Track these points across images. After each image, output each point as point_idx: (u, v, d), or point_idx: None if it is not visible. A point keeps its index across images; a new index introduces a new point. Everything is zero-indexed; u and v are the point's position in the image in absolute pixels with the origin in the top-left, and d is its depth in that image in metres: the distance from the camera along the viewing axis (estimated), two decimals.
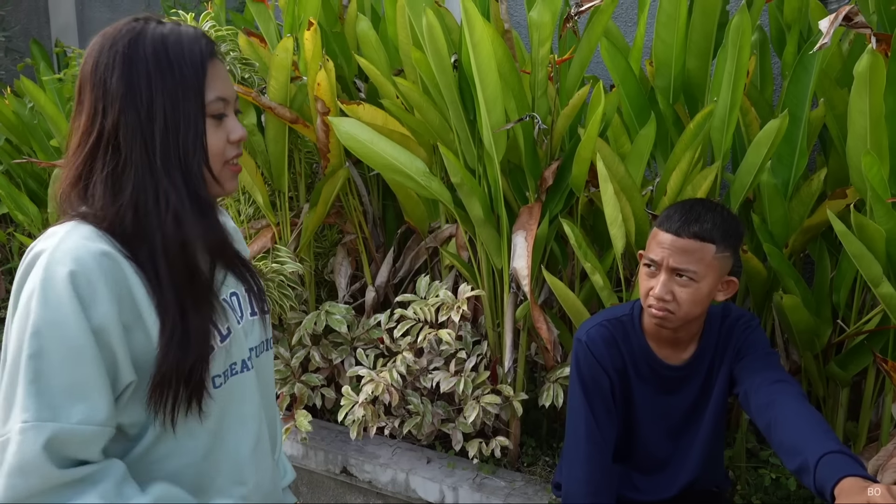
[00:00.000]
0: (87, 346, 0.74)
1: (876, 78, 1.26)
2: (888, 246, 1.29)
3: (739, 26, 1.49)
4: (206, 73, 0.82)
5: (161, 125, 0.79)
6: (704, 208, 1.25)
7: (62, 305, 0.73)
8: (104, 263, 0.76)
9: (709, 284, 1.22)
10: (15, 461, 0.71)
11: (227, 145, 0.85)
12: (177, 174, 0.80)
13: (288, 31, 2.02)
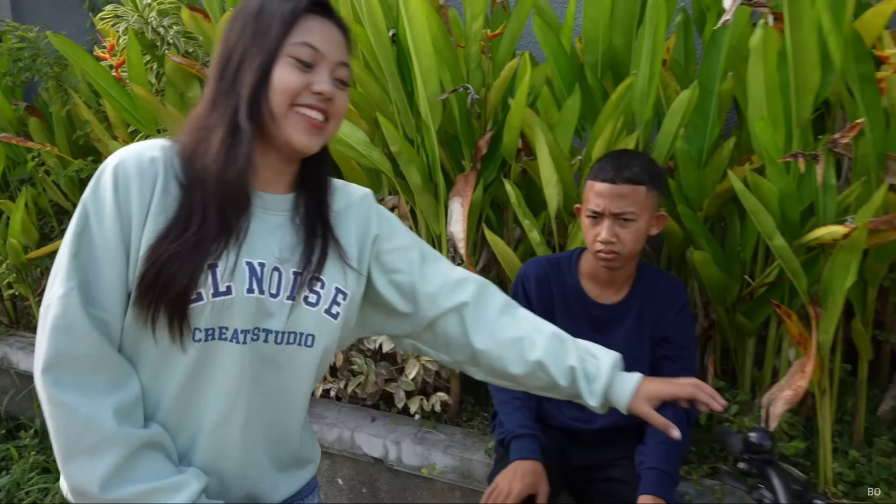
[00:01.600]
0: (114, 241, 0.81)
1: (769, 51, 1.39)
2: (781, 203, 1.43)
3: (656, 4, 1.61)
4: (294, 22, 0.84)
5: (235, 60, 0.84)
6: (629, 156, 1.38)
7: (102, 193, 0.82)
8: (144, 165, 0.83)
9: (645, 221, 1.36)
10: (58, 321, 0.78)
11: (302, 90, 0.84)
12: (230, 105, 0.84)
13: (231, 5, 2.06)
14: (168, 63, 1.94)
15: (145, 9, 1.96)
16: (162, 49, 1.99)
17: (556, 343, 1.01)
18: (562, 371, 1.00)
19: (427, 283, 0.99)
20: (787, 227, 1.46)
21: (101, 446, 0.77)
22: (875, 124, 1.44)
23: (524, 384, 1.03)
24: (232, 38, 0.86)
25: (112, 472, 0.77)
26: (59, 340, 0.78)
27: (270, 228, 0.88)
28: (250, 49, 0.83)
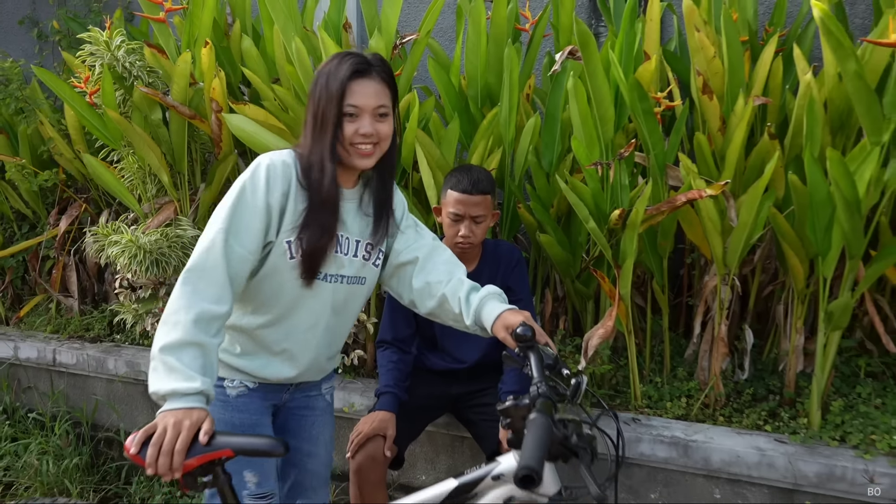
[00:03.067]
0: (262, 209, 1.30)
1: (580, 93, 2.00)
2: (593, 198, 2.04)
3: (510, 56, 2.21)
4: (346, 88, 1.31)
5: (320, 117, 1.34)
6: (478, 171, 1.94)
7: (259, 179, 1.31)
8: (285, 167, 1.33)
9: (489, 219, 1.93)
10: (209, 244, 1.25)
11: (353, 134, 1.32)
12: (320, 142, 1.34)
13: (185, 45, 2.54)
14: (136, 92, 2.41)
15: (116, 48, 2.42)
16: (130, 80, 2.46)
17: (458, 282, 1.46)
18: (455, 301, 1.43)
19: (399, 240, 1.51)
20: (599, 215, 2.07)
21: (176, 326, 1.20)
22: (656, 144, 2.07)
23: (440, 316, 1.49)
24: (315, 99, 1.35)
25: (169, 344, 1.19)
26: (202, 254, 1.25)
27: (349, 211, 1.41)
28: (326, 109, 1.32)
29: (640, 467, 2.06)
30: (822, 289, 1.94)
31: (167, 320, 1.21)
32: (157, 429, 1.13)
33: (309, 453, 1.58)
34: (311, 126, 1.37)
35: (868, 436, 1.93)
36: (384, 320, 2.05)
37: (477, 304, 1.40)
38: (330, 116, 1.33)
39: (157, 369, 1.19)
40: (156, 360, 1.20)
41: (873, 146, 1.74)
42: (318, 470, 1.60)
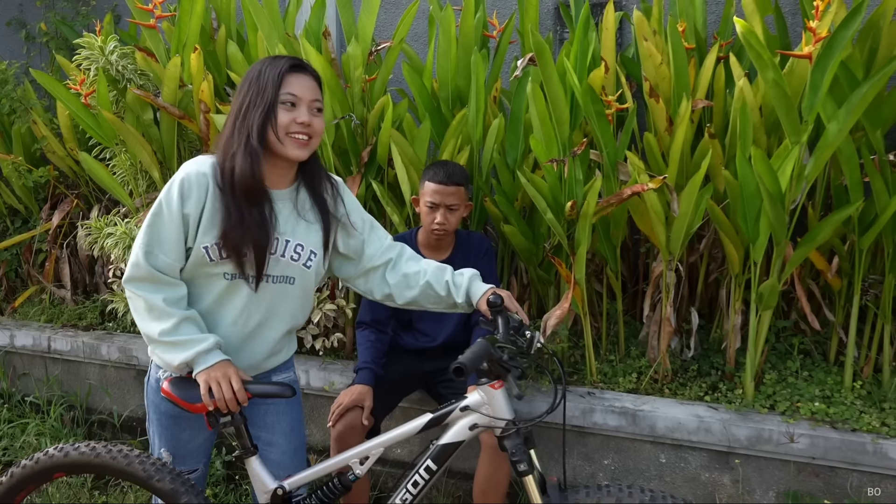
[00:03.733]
0: (177, 221, 1.41)
1: (538, 96, 2.21)
2: (551, 191, 2.25)
3: (476, 62, 2.41)
4: (281, 81, 1.39)
5: (245, 105, 1.40)
6: (453, 165, 2.15)
7: (172, 193, 1.41)
8: (200, 177, 1.41)
9: (463, 209, 2.15)
10: (134, 260, 1.43)
11: (290, 122, 1.38)
12: (246, 130, 1.39)
13: (175, 50, 2.71)
14: (129, 94, 2.58)
15: (109, 53, 2.59)
16: (123, 83, 2.63)
17: (439, 270, 1.63)
18: (441, 285, 1.61)
19: (369, 246, 1.63)
20: (556, 207, 2.28)
21: (159, 317, 1.41)
22: (608, 143, 2.28)
23: (420, 302, 1.64)
24: (242, 93, 1.42)
25: (166, 329, 1.41)
26: (132, 269, 1.44)
27: (281, 211, 1.49)
28: (255, 100, 1.39)
29: (594, 436, 2.28)
30: (755, 273, 2.16)
31: (146, 318, 1.43)
32: (209, 385, 1.42)
33: (269, 442, 1.63)
34: (233, 119, 1.42)
35: (794, 403, 2.16)
36: (363, 303, 2.25)
37: (466, 284, 1.61)
38: (260, 103, 1.38)
39: (169, 349, 1.42)
40: (162, 345, 1.42)
41: (793, 145, 1.97)
42: (279, 459, 1.62)
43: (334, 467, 1.55)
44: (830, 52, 1.87)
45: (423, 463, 1.48)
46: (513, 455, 1.38)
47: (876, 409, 2.12)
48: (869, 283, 2.31)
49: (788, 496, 2.07)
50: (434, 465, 1.47)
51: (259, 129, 1.39)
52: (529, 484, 1.38)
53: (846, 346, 2.26)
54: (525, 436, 1.42)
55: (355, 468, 1.54)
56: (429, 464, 1.47)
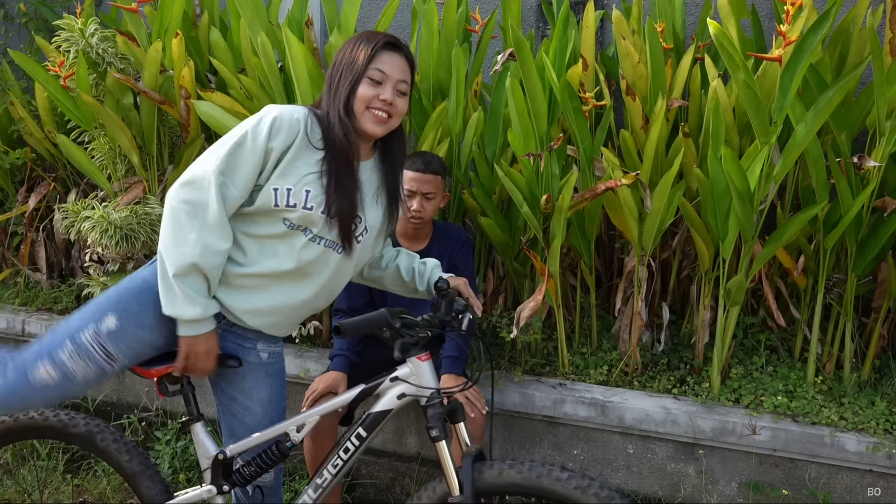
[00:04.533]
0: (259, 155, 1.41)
1: (516, 91, 2.24)
2: (527, 185, 2.29)
3: (456, 55, 2.43)
4: (374, 55, 1.44)
5: (340, 74, 1.46)
6: (430, 156, 2.19)
7: (262, 127, 1.41)
8: (292, 122, 1.43)
9: (439, 198, 2.18)
10: (199, 178, 1.39)
11: (373, 98, 1.43)
12: (337, 101, 1.45)
13: (156, 35, 2.70)
14: (109, 78, 2.57)
15: (90, 36, 2.58)
16: (103, 66, 2.62)
17: (407, 256, 1.77)
18: (407, 272, 1.74)
19: None
20: (533, 201, 2.31)
21: (185, 254, 1.36)
22: (584, 139, 2.32)
23: (383, 282, 1.78)
24: (338, 60, 1.48)
25: (183, 271, 1.37)
26: (198, 191, 1.38)
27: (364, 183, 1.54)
28: (345, 72, 1.46)
29: (564, 426, 2.32)
30: (723, 270, 2.22)
31: (177, 244, 1.36)
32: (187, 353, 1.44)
33: (244, 406, 1.62)
34: (328, 87, 1.48)
35: (758, 397, 2.23)
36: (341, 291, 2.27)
37: (429, 273, 1.74)
38: (349, 75, 1.44)
39: (170, 292, 1.39)
40: (168, 285, 1.38)
41: (763, 146, 2.02)
42: (253, 426, 1.62)
43: (273, 434, 1.61)
44: (800, 55, 1.93)
45: (355, 430, 1.56)
46: (429, 422, 1.48)
47: (835, 403, 2.19)
48: (833, 282, 2.38)
49: (750, 486, 2.13)
50: (364, 432, 1.56)
51: (345, 101, 1.44)
52: (440, 448, 1.48)
53: (810, 342, 2.33)
54: (452, 408, 1.52)
55: (292, 435, 1.60)
56: (360, 431, 1.56)
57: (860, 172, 2.15)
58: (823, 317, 2.35)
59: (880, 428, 2.04)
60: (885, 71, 2.01)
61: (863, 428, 2.07)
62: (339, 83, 1.46)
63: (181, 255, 1.37)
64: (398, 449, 2.51)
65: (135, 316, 1.47)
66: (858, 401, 2.18)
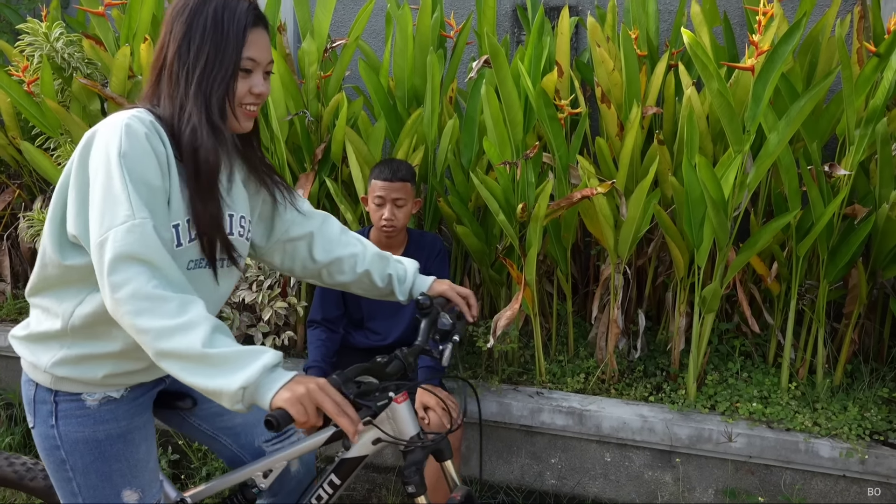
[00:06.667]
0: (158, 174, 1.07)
1: (492, 99, 2.23)
2: (503, 193, 2.27)
3: (431, 61, 2.41)
4: (245, 37, 1.11)
5: (202, 65, 1.09)
6: (398, 162, 2.16)
7: (141, 141, 1.05)
8: (152, 128, 1.08)
9: (410, 205, 2.15)
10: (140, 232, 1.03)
11: (246, 94, 1.13)
12: (201, 102, 1.10)
13: (124, 39, 2.64)
14: (75, 83, 2.50)
15: (54, 40, 2.51)
16: (69, 72, 2.55)
17: (379, 259, 1.48)
18: (382, 277, 1.48)
19: (283, 212, 1.39)
20: (509, 209, 2.30)
21: (194, 325, 1.00)
22: (559, 146, 2.32)
23: (351, 287, 1.50)
24: (195, 41, 1.09)
25: (207, 337, 1.00)
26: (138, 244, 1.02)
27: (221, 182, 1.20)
28: (214, 61, 1.10)
29: (542, 435, 2.31)
30: (699, 277, 2.23)
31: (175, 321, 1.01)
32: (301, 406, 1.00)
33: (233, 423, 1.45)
34: (187, 79, 1.10)
35: (733, 403, 2.24)
36: (315, 302, 2.24)
37: (411, 280, 1.51)
38: (219, 67, 1.11)
39: (214, 367, 1.00)
40: (206, 359, 1.00)
41: (736, 154, 2.03)
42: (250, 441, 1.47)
43: (237, 480, 1.46)
44: (772, 65, 1.94)
45: (327, 477, 1.40)
46: (405, 473, 1.29)
47: (809, 409, 2.20)
48: (805, 289, 2.40)
49: (726, 493, 2.14)
50: (337, 479, 1.40)
51: (220, 101, 1.12)
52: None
53: (783, 348, 2.34)
54: (437, 448, 1.33)
55: (258, 481, 1.43)
56: (332, 478, 1.40)
57: (831, 181, 2.17)
58: (796, 322, 2.36)
59: (853, 433, 2.06)
60: (854, 81, 2.03)
61: (836, 434, 2.09)
62: (207, 76, 1.11)
63: (187, 327, 1.02)
64: (375, 460, 2.47)
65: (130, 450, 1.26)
66: (831, 406, 2.20)
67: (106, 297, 1.03)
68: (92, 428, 1.22)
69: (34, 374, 1.24)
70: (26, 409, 1.26)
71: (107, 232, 1.02)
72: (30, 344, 1.24)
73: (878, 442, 2.07)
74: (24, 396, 1.26)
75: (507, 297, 2.64)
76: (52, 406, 1.22)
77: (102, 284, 1.03)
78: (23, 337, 1.26)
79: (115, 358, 1.21)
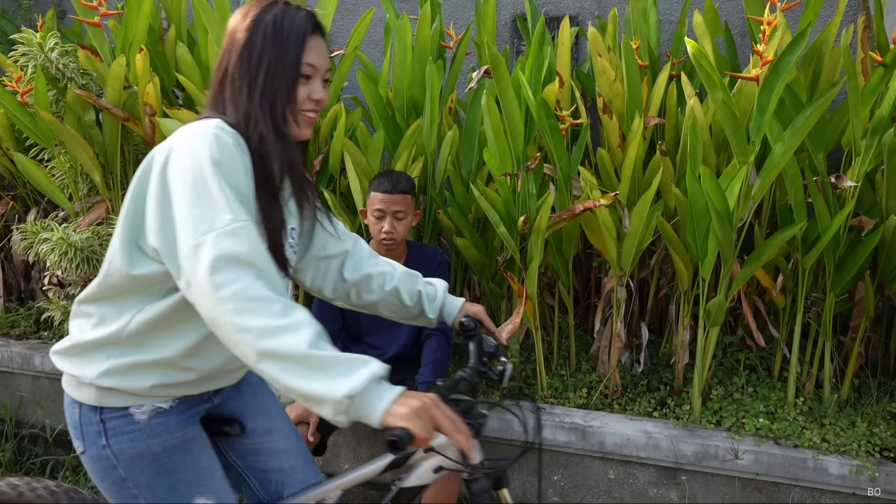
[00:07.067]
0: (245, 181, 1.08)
1: (492, 109, 2.20)
2: (504, 205, 2.24)
3: (430, 72, 2.39)
4: (305, 43, 1.13)
5: (264, 72, 1.11)
6: (398, 174, 2.13)
7: (231, 149, 1.06)
8: (234, 137, 1.09)
9: (410, 217, 2.11)
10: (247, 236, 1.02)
11: (306, 100, 1.14)
12: (266, 109, 1.12)
13: (120, 50, 2.61)
14: (69, 94, 2.47)
15: (49, 50, 2.48)
16: (63, 82, 2.52)
17: (408, 277, 1.45)
18: (411, 295, 1.44)
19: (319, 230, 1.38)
20: (510, 221, 2.26)
21: (297, 325, 0.96)
22: (561, 157, 2.29)
23: (378, 308, 1.45)
24: (256, 46, 1.11)
25: (313, 339, 0.96)
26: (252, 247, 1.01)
27: None
28: (276, 68, 1.12)
29: (543, 451, 2.26)
30: (703, 290, 2.19)
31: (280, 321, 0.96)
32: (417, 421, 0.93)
33: (269, 430, 1.39)
34: (251, 87, 1.13)
35: (739, 419, 2.19)
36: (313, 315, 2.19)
37: (441, 298, 1.46)
38: (282, 73, 1.12)
39: (322, 368, 0.94)
40: (310, 361, 0.94)
41: (741, 165, 2.00)
42: (288, 447, 1.40)
43: None
44: (776, 75, 1.91)
45: None
46: (477, 502, 1.22)
47: (816, 424, 2.16)
48: (811, 301, 2.36)
49: None
50: None
51: (283, 108, 1.13)
52: None
53: (789, 362, 2.30)
54: (497, 475, 1.27)
55: None
56: None
57: (836, 192, 2.14)
58: (801, 335, 2.33)
59: (862, 450, 2.02)
60: (860, 90, 2.01)
61: (845, 450, 2.04)
62: (271, 83, 1.12)
63: (290, 328, 0.97)
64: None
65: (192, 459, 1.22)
66: (839, 422, 2.15)
67: (203, 298, 0.99)
68: (146, 442, 1.18)
69: (78, 392, 1.20)
70: (73, 435, 1.21)
71: (204, 235, 0.99)
72: (74, 356, 1.20)
73: (888, 459, 2.02)
74: (69, 422, 1.21)
75: (507, 310, 2.60)
76: (99, 426, 1.18)
77: (195, 286, 0.99)
78: (66, 349, 1.22)
79: (164, 367, 1.18)
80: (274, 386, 1.03)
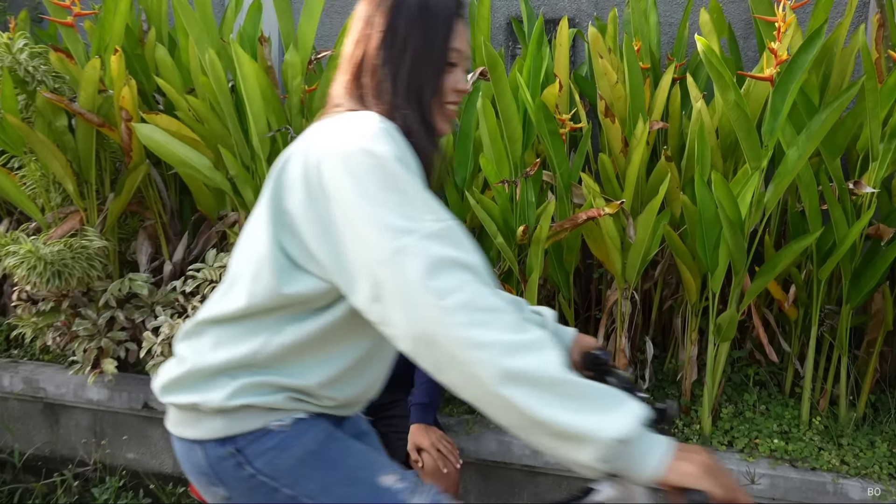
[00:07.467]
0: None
1: (489, 113, 2.08)
2: (501, 214, 2.11)
3: None
4: (453, 27, 0.99)
5: (410, 57, 0.98)
6: None
7: (404, 144, 0.92)
8: (397, 131, 0.94)
9: None
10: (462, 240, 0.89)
11: (450, 90, 1.00)
12: (413, 99, 0.97)
13: (95, 51, 2.47)
14: (40, 98, 2.33)
15: (18, 51, 2.34)
16: (33, 85, 2.37)
17: (514, 301, 1.20)
18: None
19: None
20: (507, 230, 2.14)
21: (542, 343, 0.81)
22: (561, 163, 2.17)
23: None
24: (401, 30, 0.98)
25: (564, 360, 0.80)
26: (470, 252, 0.89)
27: None
28: (422, 52, 0.98)
29: (545, 475, 2.13)
30: (712, 302, 2.07)
31: (520, 336, 0.81)
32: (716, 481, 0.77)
33: None
34: (396, 76, 0.98)
35: (752, 440, 2.07)
36: None
37: (552, 329, 1.24)
38: (431, 59, 0.99)
39: (581, 398, 0.77)
40: (567, 387, 0.78)
41: (753, 171, 1.89)
42: None
43: None
44: (791, 76, 1.80)
45: None
46: None
47: (834, 445, 2.04)
48: (825, 314, 2.25)
49: None
50: None
51: (429, 99, 0.99)
52: None
53: (802, 377, 2.19)
54: None
55: None
56: None
57: (853, 199, 2.03)
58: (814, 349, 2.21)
59: (884, 473, 1.90)
60: (878, 92, 1.90)
61: (866, 473, 1.92)
62: (418, 69, 0.98)
63: (529, 342, 0.81)
64: None
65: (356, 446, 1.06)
66: (857, 441, 2.04)
67: (418, 311, 0.82)
68: (298, 447, 1.01)
69: (197, 429, 1.01)
70: (204, 484, 1.03)
71: (404, 237, 0.84)
72: (192, 384, 1.01)
73: None
74: (191, 470, 1.03)
75: None
76: (236, 458, 1.00)
77: (404, 297, 0.83)
78: (180, 378, 1.02)
79: (298, 393, 1.01)
80: (506, 424, 0.82)
